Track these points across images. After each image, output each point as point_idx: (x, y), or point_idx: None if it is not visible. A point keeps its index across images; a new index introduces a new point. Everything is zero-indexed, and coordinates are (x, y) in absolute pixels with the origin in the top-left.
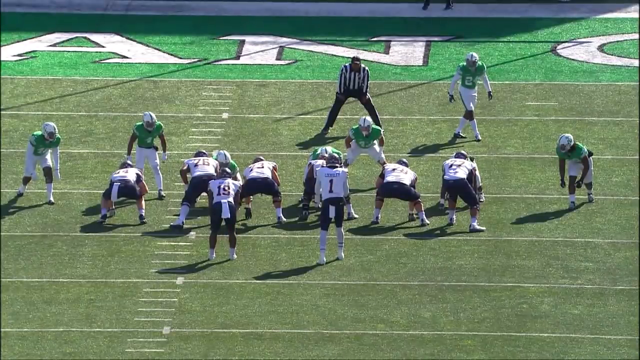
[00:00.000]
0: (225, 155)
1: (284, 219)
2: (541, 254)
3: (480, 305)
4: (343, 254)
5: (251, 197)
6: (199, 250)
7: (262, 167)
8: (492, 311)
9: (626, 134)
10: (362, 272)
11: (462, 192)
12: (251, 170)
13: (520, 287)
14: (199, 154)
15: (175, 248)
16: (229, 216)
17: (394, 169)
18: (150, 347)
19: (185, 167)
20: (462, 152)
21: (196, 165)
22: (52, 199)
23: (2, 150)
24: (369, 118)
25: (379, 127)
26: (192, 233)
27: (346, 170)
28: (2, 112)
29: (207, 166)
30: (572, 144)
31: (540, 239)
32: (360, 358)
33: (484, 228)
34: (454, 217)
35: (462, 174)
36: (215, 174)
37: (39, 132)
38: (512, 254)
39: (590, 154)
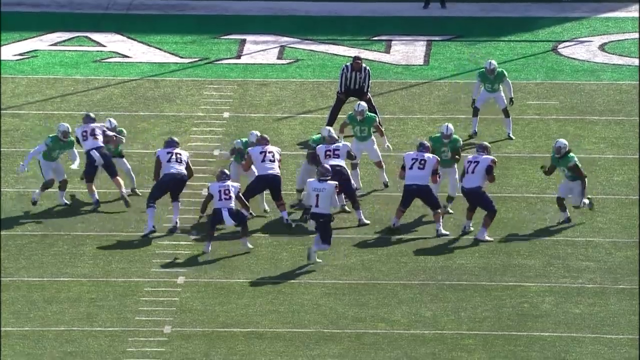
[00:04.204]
0: (255, 134)
1: (291, 221)
2: (542, 253)
3: (481, 304)
4: (316, 257)
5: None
6: (200, 250)
7: (273, 159)
8: (493, 310)
9: (627, 133)
10: (363, 271)
11: (478, 200)
12: (263, 160)
13: (521, 286)
14: (171, 143)
15: (176, 247)
16: (232, 223)
17: (412, 163)
18: (152, 346)
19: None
20: (485, 143)
21: (168, 160)
22: (65, 200)
23: (3, 149)
24: (363, 103)
25: (374, 115)
26: (193, 232)
27: (334, 183)
28: (3, 112)
29: (178, 164)
30: (567, 149)
31: (541, 238)
32: (361, 357)
33: (492, 239)
34: (470, 227)
35: (477, 180)
36: (185, 172)
37: (54, 134)
38: (513, 253)
39: (585, 176)
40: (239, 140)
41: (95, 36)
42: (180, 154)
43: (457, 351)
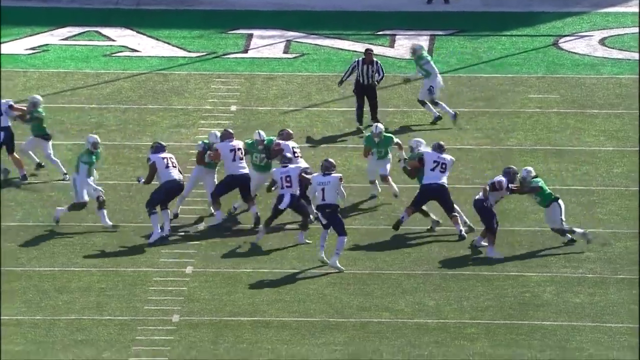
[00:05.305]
0: (215, 135)
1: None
2: (543, 243)
3: (483, 293)
4: (337, 263)
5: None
6: (208, 240)
7: (242, 156)
8: (495, 300)
9: (627, 126)
10: (368, 262)
11: (480, 213)
12: (233, 159)
13: (522, 276)
14: (161, 148)
15: (184, 238)
16: (285, 207)
17: (435, 166)
18: (160, 335)
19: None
20: (511, 168)
21: (167, 167)
22: (109, 221)
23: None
24: (380, 125)
25: (391, 135)
26: (201, 223)
27: (338, 175)
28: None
29: (175, 169)
30: (532, 175)
31: (542, 229)
32: (365, 346)
33: (502, 256)
34: (481, 243)
35: (481, 194)
36: (181, 178)
37: (85, 150)
38: (514, 243)
39: (557, 198)
40: (201, 143)
41: (105, 31)
42: (172, 158)
43: (459, 340)
